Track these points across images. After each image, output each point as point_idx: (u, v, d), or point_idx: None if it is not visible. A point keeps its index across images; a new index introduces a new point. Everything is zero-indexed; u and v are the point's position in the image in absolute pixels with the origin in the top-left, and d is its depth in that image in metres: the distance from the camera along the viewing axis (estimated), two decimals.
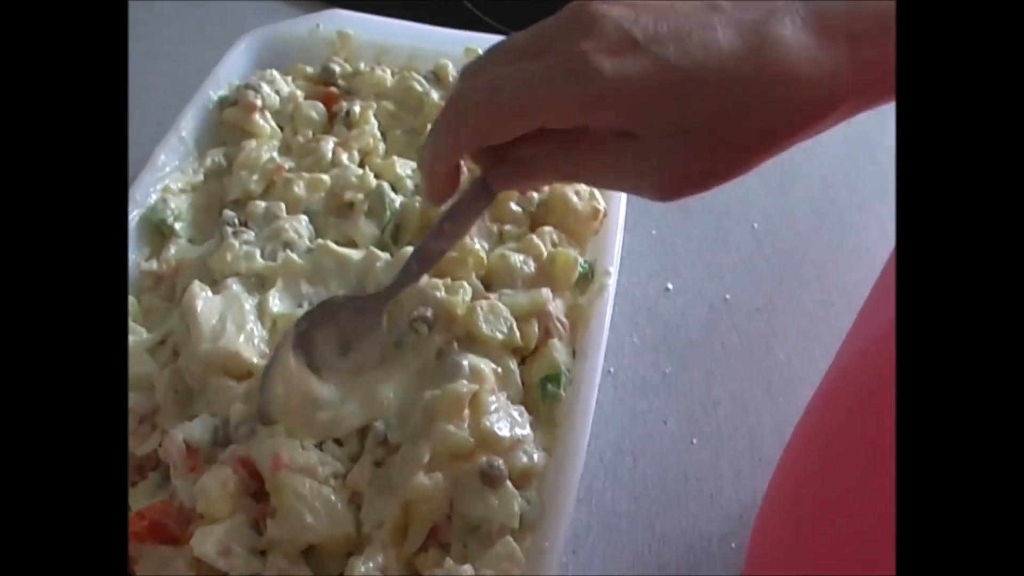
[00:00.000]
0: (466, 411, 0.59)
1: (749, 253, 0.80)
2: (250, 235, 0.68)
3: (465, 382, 0.60)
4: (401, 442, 0.59)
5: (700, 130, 0.46)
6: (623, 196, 0.70)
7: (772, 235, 0.82)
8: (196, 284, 0.64)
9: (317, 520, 0.56)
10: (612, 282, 0.66)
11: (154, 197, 0.70)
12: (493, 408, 0.59)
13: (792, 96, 0.45)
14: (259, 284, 0.66)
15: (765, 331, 0.76)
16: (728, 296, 0.77)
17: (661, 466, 0.69)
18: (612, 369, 0.73)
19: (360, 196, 0.69)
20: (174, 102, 0.76)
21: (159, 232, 0.70)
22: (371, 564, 0.54)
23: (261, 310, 0.64)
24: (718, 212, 0.83)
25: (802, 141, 0.48)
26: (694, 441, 0.70)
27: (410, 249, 0.65)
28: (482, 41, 0.79)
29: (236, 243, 0.67)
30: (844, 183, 0.87)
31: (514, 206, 0.70)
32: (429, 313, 0.63)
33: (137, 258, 0.69)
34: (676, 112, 0.46)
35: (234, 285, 0.65)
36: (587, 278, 0.67)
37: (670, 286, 0.78)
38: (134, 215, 0.69)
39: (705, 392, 0.72)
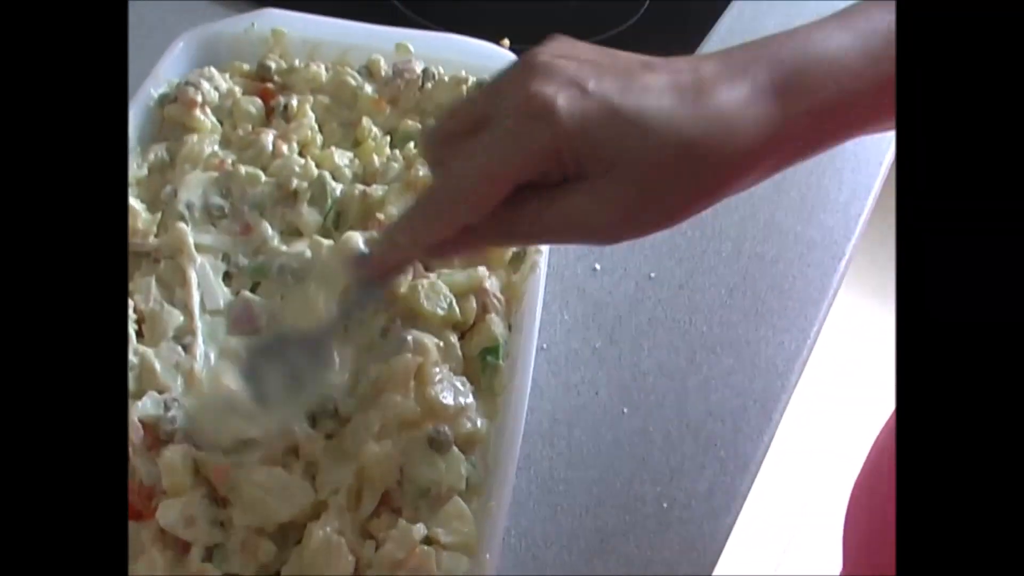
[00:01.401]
0: (412, 383, 0.63)
1: (671, 233, 0.84)
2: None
3: (410, 355, 0.63)
4: (351, 414, 0.63)
5: (645, 171, 0.49)
6: None
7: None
8: None
9: (280, 503, 0.59)
10: (543, 259, 0.69)
11: None
12: (437, 379, 0.63)
13: (728, 142, 0.49)
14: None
15: (688, 305, 0.80)
16: (653, 274, 0.82)
17: (595, 434, 0.73)
18: (545, 345, 0.76)
19: (304, 184, 0.72)
20: None
21: None
22: (328, 528, 0.58)
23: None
24: None
25: (738, 188, 0.51)
26: (625, 410, 0.74)
27: (352, 234, 0.69)
28: (412, 37, 0.82)
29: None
30: None
31: None
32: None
33: None
34: (623, 150, 0.49)
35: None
36: (520, 257, 0.71)
37: (597, 266, 0.82)
38: None
39: (633, 364, 0.76)
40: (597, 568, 0.67)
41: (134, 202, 0.72)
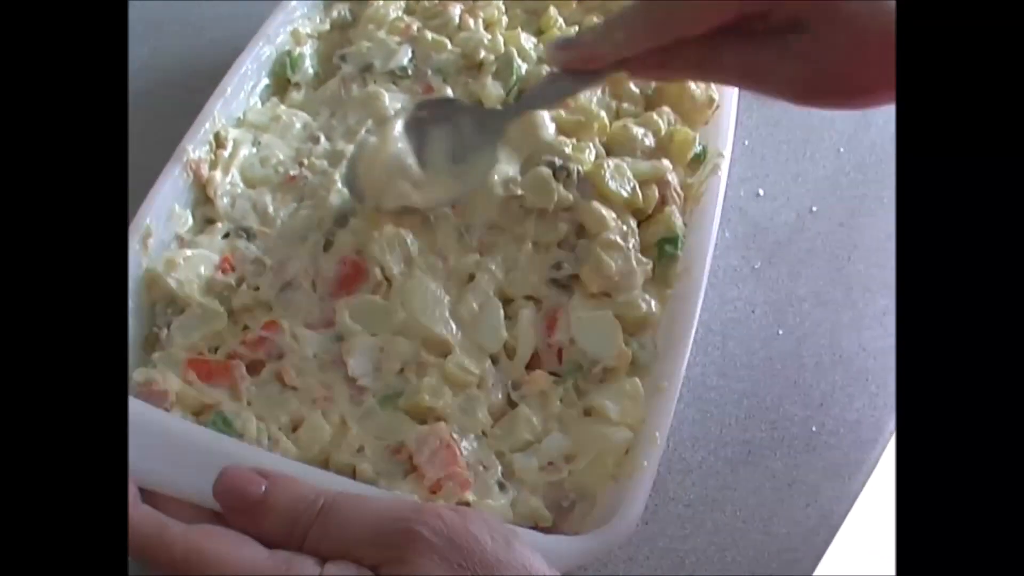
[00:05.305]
0: None
1: (834, 172, 0.83)
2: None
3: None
4: None
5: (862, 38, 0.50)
6: (735, 89, 0.72)
7: (855, 158, 0.84)
8: None
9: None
10: (726, 164, 0.68)
11: (282, 37, 0.72)
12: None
13: None
14: None
15: (847, 243, 0.78)
16: (814, 208, 0.80)
17: (748, 349, 0.71)
18: None
19: (491, 57, 0.71)
20: None
21: (283, 77, 0.72)
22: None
23: None
24: (805, 131, 0.85)
25: None
26: (780, 332, 0.72)
27: (537, 112, 0.67)
28: None
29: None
30: None
31: (632, 86, 0.72)
32: (558, 162, 0.65)
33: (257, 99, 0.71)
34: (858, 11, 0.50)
35: None
36: (700, 159, 0.69)
37: (760, 191, 0.80)
38: (265, 50, 0.71)
39: (790, 288, 0.75)
40: (742, 476, 0.65)
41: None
